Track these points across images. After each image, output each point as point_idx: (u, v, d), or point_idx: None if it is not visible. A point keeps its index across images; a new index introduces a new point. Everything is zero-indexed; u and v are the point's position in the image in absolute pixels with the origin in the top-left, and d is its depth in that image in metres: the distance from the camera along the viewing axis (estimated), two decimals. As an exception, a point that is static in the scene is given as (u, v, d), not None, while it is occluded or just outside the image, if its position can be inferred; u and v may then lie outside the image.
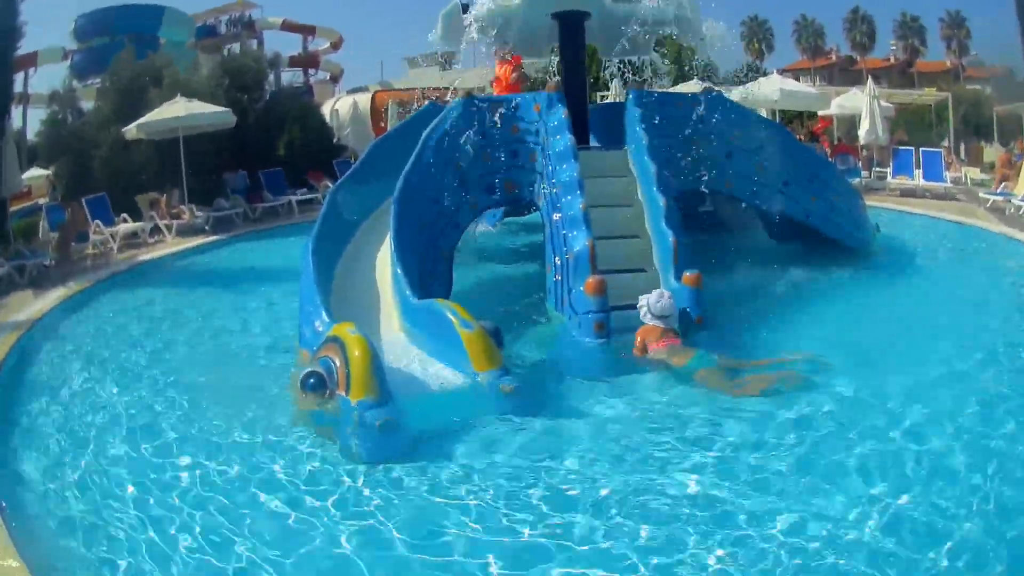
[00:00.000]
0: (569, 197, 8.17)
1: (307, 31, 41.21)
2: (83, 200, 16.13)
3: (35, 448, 5.97)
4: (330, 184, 14.51)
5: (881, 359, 6.92)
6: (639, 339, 7.10)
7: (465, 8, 10.24)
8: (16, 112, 23.70)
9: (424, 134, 9.03)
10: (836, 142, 24.27)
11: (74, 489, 5.20)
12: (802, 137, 18.76)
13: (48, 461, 5.71)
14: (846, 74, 54.33)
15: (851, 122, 24.38)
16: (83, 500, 5.04)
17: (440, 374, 6.28)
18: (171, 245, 15.60)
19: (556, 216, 8.27)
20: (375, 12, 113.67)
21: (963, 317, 8.23)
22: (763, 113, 19.89)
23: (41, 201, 20.11)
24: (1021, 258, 11.75)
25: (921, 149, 19.45)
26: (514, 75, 11.21)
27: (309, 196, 19.06)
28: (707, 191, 9.82)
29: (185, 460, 5.47)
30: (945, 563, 3.88)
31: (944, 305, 8.86)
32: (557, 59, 11.53)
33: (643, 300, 7.26)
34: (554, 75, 12.13)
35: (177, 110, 17.60)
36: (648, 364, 6.92)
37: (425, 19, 10.81)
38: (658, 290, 7.41)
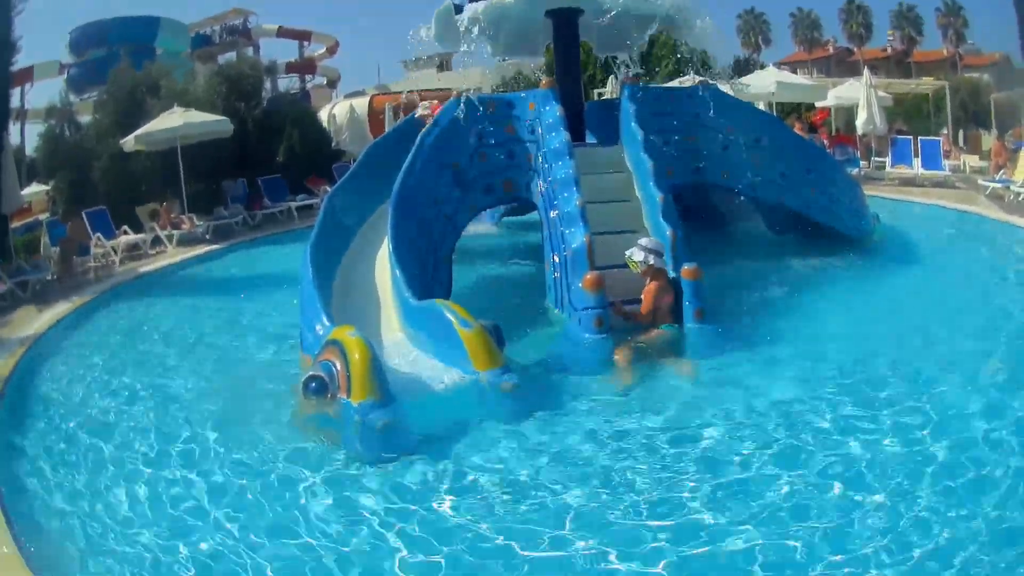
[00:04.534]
0: (566, 194, 8.17)
1: (303, 37, 41.34)
2: (83, 213, 16.18)
3: (43, 462, 5.97)
4: (329, 189, 14.54)
5: (883, 348, 6.91)
6: (654, 288, 7.37)
7: (459, 8, 10.22)
8: (14, 128, 23.80)
9: (420, 135, 9.04)
10: (834, 133, 24.23)
11: (82, 502, 5.21)
12: (800, 127, 18.69)
13: (56, 474, 5.72)
14: (843, 66, 54.17)
15: (849, 113, 24.36)
16: (89, 513, 5.04)
17: (441, 374, 6.27)
18: (172, 255, 15.62)
19: (553, 213, 8.26)
20: (371, 16, 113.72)
21: (965, 305, 8.22)
22: (760, 106, 19.87)
23: (42, 216, 20.15)
24: (1022, 244, 11.73)
25: (919, 138, 19.41)
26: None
27: (309, 202, 19.07)
28: (705, 184, 9.81)
29: (190, 468, 5.49)
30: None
31: (946, 293, 8.83)
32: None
33: (640, 252, 7.46)
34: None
35: (174, 120, 17.62)
36: (647, 358, 6.95)
37: (422, 21, 10.72)
38: (641, 238, 7.64)
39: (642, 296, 7.46)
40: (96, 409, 7.06)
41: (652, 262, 7.44)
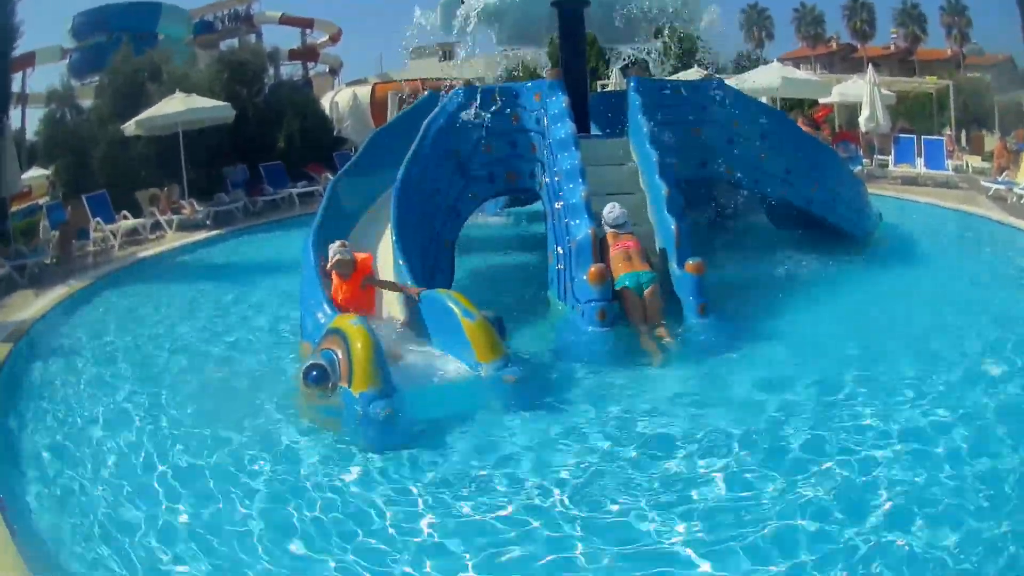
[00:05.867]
0: (571, 185, 8.12)
1: (306, 24, 41.07)
2: (83, 198, 16.13)
3: (38, 447, 5.95)
4: (330, 176, 14.53)
5: (884, 346, 6.89)
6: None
7: (464, -2, 10.16)
8: (15, 112, 23.70)
9: (424, 124, 8.99)
10: (837, 130, 24.15)
11: (76, 487, 5.19)
12: (804, 122, 18.62)
13: (52, 459, 5.69)
14: (846, 62, 54.03)
15: (852, 110, 24.26)
16: (84, 498, 5.02)
17: (443, 364, 6.24)
18: (172, 240, 15.59)
19: (558, 205, 8.21)
20: (374, 4, 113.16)
21: (965, 305, 8.17)
22: (764, 101, 19.80)
23: (41, 201, 20.07)
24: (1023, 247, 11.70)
25: (923, 137, 19.34)
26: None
27: (309, 189, 19.02)
28: (709, 178, 9.77)
29: (186, 455, 5.47)
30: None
31: (946, 293, 8.79)
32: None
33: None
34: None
35: (176, 105, 17.57)
36: (651, 352, 6.92)
37: (424, 10, 10.68)
38: (609, 204, 7.96)
39: None
40: (92, 394, 7.02)
41: (605, 229, 7.80)
